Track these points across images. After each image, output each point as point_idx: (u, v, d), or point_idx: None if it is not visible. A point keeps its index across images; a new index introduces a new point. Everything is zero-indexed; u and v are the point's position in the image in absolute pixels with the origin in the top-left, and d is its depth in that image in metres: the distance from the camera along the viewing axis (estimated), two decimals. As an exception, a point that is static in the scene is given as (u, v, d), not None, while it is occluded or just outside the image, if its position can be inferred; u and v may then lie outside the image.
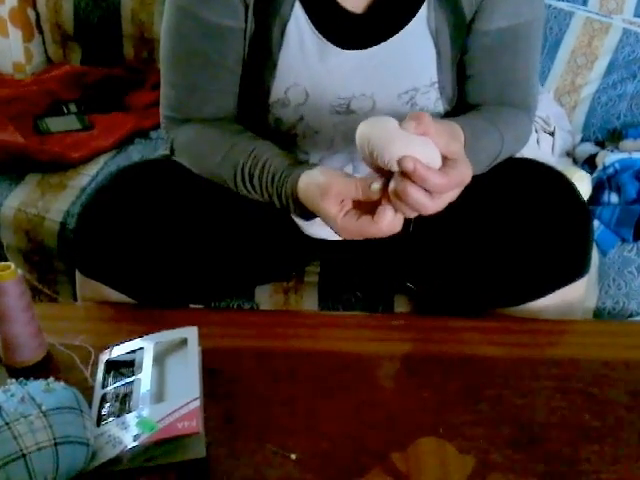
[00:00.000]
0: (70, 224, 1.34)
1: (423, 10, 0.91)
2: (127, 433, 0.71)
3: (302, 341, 0.92)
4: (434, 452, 0.75)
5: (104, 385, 0.80)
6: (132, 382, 0.79)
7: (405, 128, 0.72)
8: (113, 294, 0.96)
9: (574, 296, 0.97)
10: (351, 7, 0.92)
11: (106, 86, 1.76)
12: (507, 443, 0.76)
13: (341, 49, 0.92)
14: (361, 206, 0.78)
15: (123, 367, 0.82)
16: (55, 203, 1.39)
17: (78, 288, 1.01)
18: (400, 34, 0.92)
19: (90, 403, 0.76)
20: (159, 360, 0.83)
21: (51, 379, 0.72)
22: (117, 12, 1.78)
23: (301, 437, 0.76)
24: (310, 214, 0.84)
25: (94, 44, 1.84)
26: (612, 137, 1.59)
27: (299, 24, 0.91)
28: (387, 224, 0.76)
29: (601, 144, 1.60)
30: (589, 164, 1.54)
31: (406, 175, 0.71)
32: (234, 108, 1.00)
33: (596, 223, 1.31)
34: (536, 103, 1.05)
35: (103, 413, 0.76)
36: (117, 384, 0.79)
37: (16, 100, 1.64)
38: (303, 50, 0.92)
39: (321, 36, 0.91)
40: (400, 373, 0.89)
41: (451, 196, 0.75)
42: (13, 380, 0.71)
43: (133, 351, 0.83)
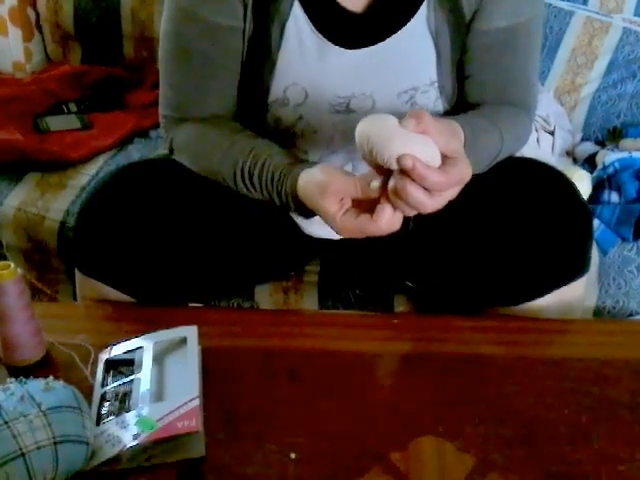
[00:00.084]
0: (70, 223, 1.34)
1: (423, 9, 0.91)
2: (126, 432, 0.71)
3: (302, 340, 0.92)
4: (434, 451, 0.74)
5: (104, 384, 0.80)
6: (132, 381, 0.79)
7: (405, 126, 0.72)
8: (113, 293, 0.96)
9: (573, 295, 0.97)
10: (350, 6, 0.91)
11: (106, 85, 1.76)
12: (506, 442, 0.76)
13: (340, 48, 0.92)
14: (360, 205, 0.78)
15: (123, 366, 0.82)
16: (55, 202, 1.39)
17: (78, 287, 1.01)
18: (400, 33, 0.92)
19: (90, 402, 0.76)
20: (159, 359, 0.83)
21: (50, 378, 0.72)
22: (117, 11, 1.77)
23: (300, 436, 0.76)
24: (310, 212, 0.84)
25: (94, 43, 1.84)
26: (612, 136, 1.59)
27: (298, 23, 0.91)
28: (386, 222, 0.75)
29: (601, 143, 1.60)
30: (589, 163, 1.54)
31: (405, 173, 0.71)
32: (233, 107, 1.00)
33: (596, 222, 1.31)
34: (536, 102, 1.05)
35: (103, 412, 0.76)
36: (117, 383, 0.79)
37: (16, 99, 1.65)
38: (302, 49, 0.92)
39: (320, 35, 0.91)
40: (400, 372, 0.89)
41: (451, 194, 0.75)
42: (13, 379, 0.71)
43: (133, 350, 0.83)
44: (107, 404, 0.77)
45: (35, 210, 1.38)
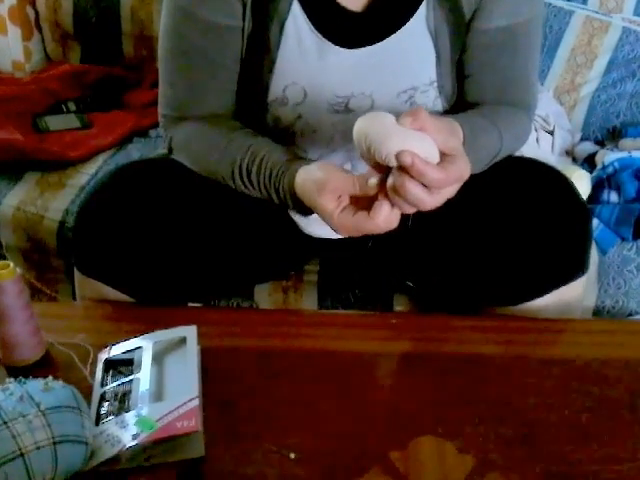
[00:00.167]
0: (69, 223, 1.34)
1: (422, 9, 0.91)
2: (126, 432, 0.71)
3: (301, 340, 0.91)
4: (433, 451, 0.74)
5: (103, 384, 0.80)
6: (131, 381, 0.78)
7: (402, 124, 0.72)
8: (112, 293, 0.96)
9: (573, 295, 0.97)
10: (350, 6, 0.91)
11: (105, 85, 1.76)
12: (506, 442, 0.76)
13: (340, 48, 0.92)
14: (358, 203, 0.78)
15: (122, 366, 0.82)
16: (54, 202, 1.39)
17: (77, 287, 1.01)
18: (399, 33, 0.92)
19: (89, 402, 0.76)
20: (158, 359, 0.83)
21: (50, 378, 0.72)
22: (116, 10, 1.77)
23: (300, 436, 0.76)
24: (308, 210, 0.84)
25: (93, 42, 1.84)
26: (611, 136, 1.59)
27: (297, 22, 0.91)
28: (383, 219, 0.75)
29: (601, 143, 1.60)
30: (589, 163, 1.54)
31: (404, 170, 0.71)
32: (232, 106, 0.99)
33: (595, 222, 1.31)
34: (536, 102, 1.05)
35: (102, 412, 0.76)
36: (116, 383, 0.79)
37: (15, 99, 1.65)
38: (301, 49, 0.92)
39: (320, 34, 0.91)
40: (399, 372, 0.89)
41: (449, 192, 0.74)
42: (12, 379, 0.71)
43: (132, 350, 0.83)
44: (106, 404, 0.77)
45: (34, 209, 1.38)
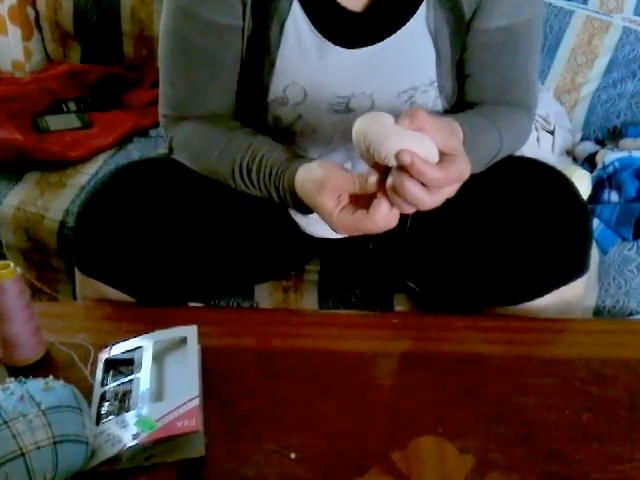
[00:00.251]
0: (69, 223, 1.34)
1: (422, 9, 0.91)
2: (126, 432, 0.71)
3: (302, 340, 0.91)
4: (434, 451, 0.74)
5: (103, 384, 0.80)
6: (131, 381, 0.78)
7: (400, 124, 0.72)
8: (112, 292, 0.96)
9: (573, 295, 0.97)
10: (350, 5, 0.91)
11: (106, 84, 1.76)
12: (506, 442, 0.76)
13: (340, 48, 0.92)
14: (358, 202, 0.78)
15: (122, 366, 0.82)
16: (54, 202, 1.39)
17: (77, 286, 1.01)
18: (399, 33, 0.92)
19: (89, 402, 0.76)
20: (158, 359, 0.83)
21: (50, 378, 0.72)
22: (116, 10, 1.77)
23: (300, 436, 0.76)
24: (308, 209, 0.84)
25: (93, 42, 1.84)
26: (612, 136, 1.59)
27: (297, 22, 0.91)
28: (382, 218, 0.75)
29: (601, 143, 1.60)
30: (589, 163, 1.54)
31: (403, 169, 0.71)
32: (232, 105, 0.99)
33: (596, 222, 1.32)
34: (536, 102, 1.04)
35: (102, 412, 0.76)
36: (116, 383, 0.79)
37: (15, 98, 1.64)
38: (301, 48, 0.92)
39: (320, 34, 0.91)
40: (399, 372, 0.89)
41: (449, 192, 0.74)
42: (12, 379, 0.71)
43: (132, 350, 0.83)
44: (107, 404, 0.77)
45: (34, 209, 1.38)
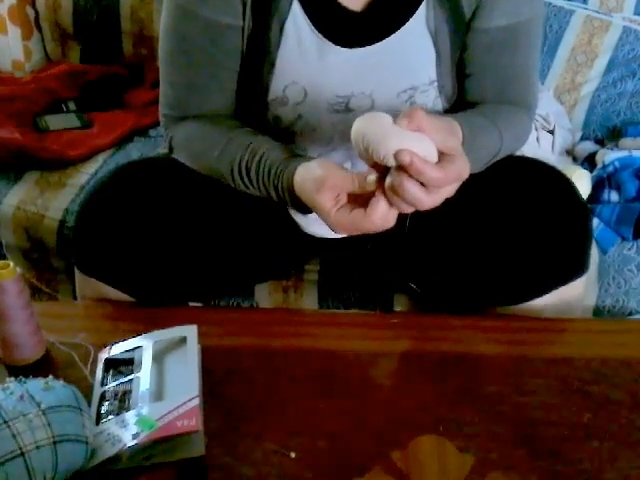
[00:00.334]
0: (69, 222, 1.34)
1: (422, 9, 0.91)
2: (126, 431, 0.71)
3: (301, 339, 0.91)
4: (434, 450, 0.74)
5: (103, 383, 0.80)
6: (131, 380, 0.78)
7: (398, 124, 0.72)
8: (112, 292, 0.96)
9: (572, 295, 0.97)
10: (350, 5, 0.91)
11: (105, 84, 1.76)
12: (506, 441, 0.76)
13: (340, 47, 0.92)
14: (356, 201, 0.78)
15: (122, 365, 0.82)
16: (54, 201, 1.39)
17: (77, 286, 1.01)
18: (399, 33, 0.92)
19: (89, 401, 0.76)
20: (158, 358, 0.82)
21: (50, 377, 0.72)
22: (116, 10, 1.77)
23: (300, 436, 0.76)
24: (306, 208, 0.84)
25: (93, 42, 1.84)
26: (612, 135, 1.59)
27: (297, 22, 0.91)
28: (380, 217, 0.74)
29: (601, 142, 1.60)
30: (589, 162, 1.54)
31: (402, 169, 0.71)
32: (232, 105, 0.99)
33: (596, 221, 1.32)
34: (536, 101, 1.04)
35: (102, 411, 0.76)
36: (116, 382, 0.79)
37: (15, 98, 1.64)
38: (301, 48, 0.92)
39: (320, 34, 0.91)
40: (399, 371, 0.89)
41: (448, 191, 0.74)
42: (12, 378, 0.71)
43: (132, 349, 0.83)
44: (107, 403, 0.77)
45: (34, 209, 1.38)
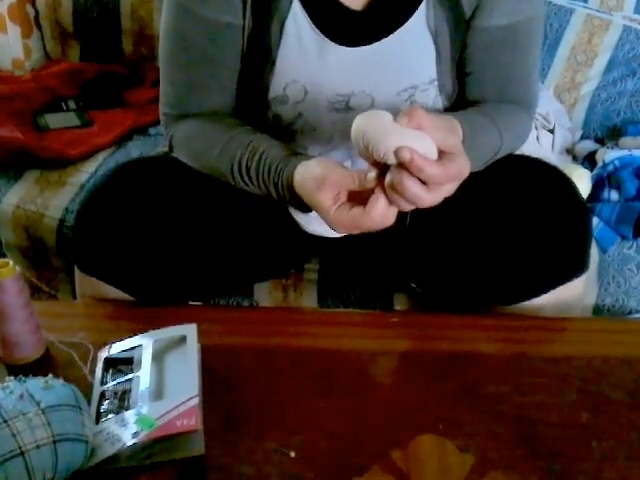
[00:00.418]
0: (69, 221, 1.34)
1: (422, 8, 0.91)
2: (126, 430, 0.71)
3: (301, 338, 0.91)
4: (434, 450, 0.74)
5: (103, 382, 0.80)
6: (131, 379, 0.78)
7: (398, 122, 0.72)
8: (112, 291, 0.96)
9: (572, 294, 0.97)
10: (350, 4, 0.91)
11: (105, 82, 1.76)
12: (506, 441, 0.76)
13: (340, 46, 0.92)
14: (356, 199, 0.78)
15: (122, 364, 0.82)
16: (54, 200, 1.39)
17: (77, 285, 1.01)
18: (399, 32, 0.92)
19: (89, 400, 0.76)
20: (158, 357, 0.82)
21: (50, 376, 0.72)
22: (116, 8, 1.77)
23: (300, 435, 0.76)
24: (306, 207, 0.84)
25: (93, 40, 1.84)
26: (612, 134, 1.59)
27: (297, 21, 0.91)
28: (379, 214, 0.74)
29: (601, 141, 1.60)
30: (589, 161, 1.54)
31: (403, 167, 0.71)
32: (232, 103, 0.99)
33: (596, 220, 1.31)
34: (536, 100, 1.04)
35: (102, 410, 0.76)
36: (116, 381, 0.79)
37: (15, 97, 1.64)
38: (302, 47, 0.92)
39: (320, 33, 0.91)
40: (399, 370, 0.89)
41: (448, 190, 0.74)
42: (12, 377, 0.71)
43: (132, 348, 0.83)
44: (106, 402, 0.77)
45: (34, 208, 1.38)
